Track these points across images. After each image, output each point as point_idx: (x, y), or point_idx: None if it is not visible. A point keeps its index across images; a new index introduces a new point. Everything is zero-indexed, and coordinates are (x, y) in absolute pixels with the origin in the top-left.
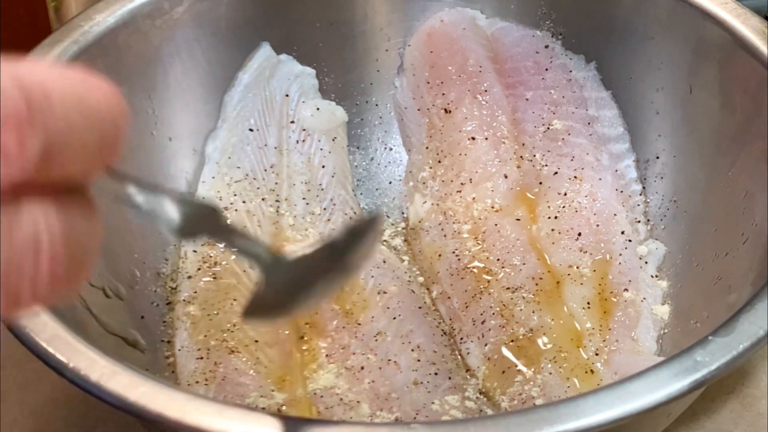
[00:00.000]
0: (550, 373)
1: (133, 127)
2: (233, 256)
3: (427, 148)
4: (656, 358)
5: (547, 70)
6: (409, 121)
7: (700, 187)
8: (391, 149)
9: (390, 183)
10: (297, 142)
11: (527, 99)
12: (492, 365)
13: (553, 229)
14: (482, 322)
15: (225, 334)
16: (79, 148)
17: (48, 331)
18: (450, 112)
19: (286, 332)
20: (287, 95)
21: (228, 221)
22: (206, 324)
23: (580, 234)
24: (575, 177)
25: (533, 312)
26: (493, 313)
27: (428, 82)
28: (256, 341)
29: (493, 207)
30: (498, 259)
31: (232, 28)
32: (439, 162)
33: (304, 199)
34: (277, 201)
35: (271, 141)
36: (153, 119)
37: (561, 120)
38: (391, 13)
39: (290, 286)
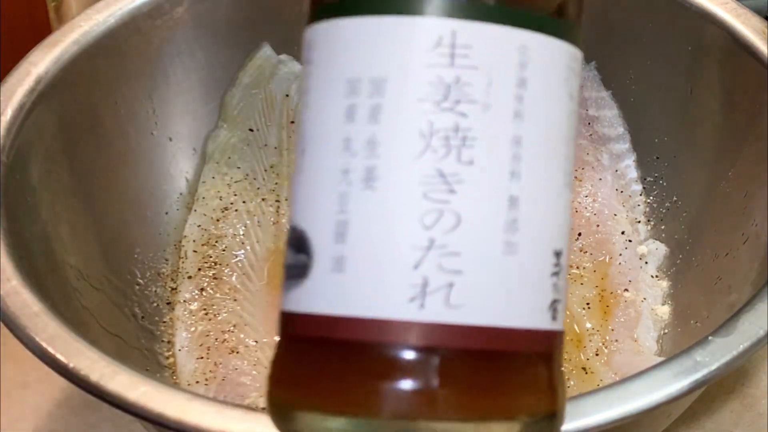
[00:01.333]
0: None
1: (133, 127)
2: (234, 258)
3: None
4: (656, 358)
5: None
6: None
7: (700, 187)
8: None
9: None
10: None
11: None
12: None
13: None
14: None
15: (225, 335)
16: None
17: (48, 331)
18: None
19: None
20: (287, 95)
21: None
22: (206, 324)
23: (580, 234)
24: (575, 177)
25: None
26: None
27: None
28: (257, 341)
29: None
30: None
31: (233, 29)
32: None
33: None
34: (277, 201)
35: (271, 141)
36: (153, 119)
37: None
38: None
39: None
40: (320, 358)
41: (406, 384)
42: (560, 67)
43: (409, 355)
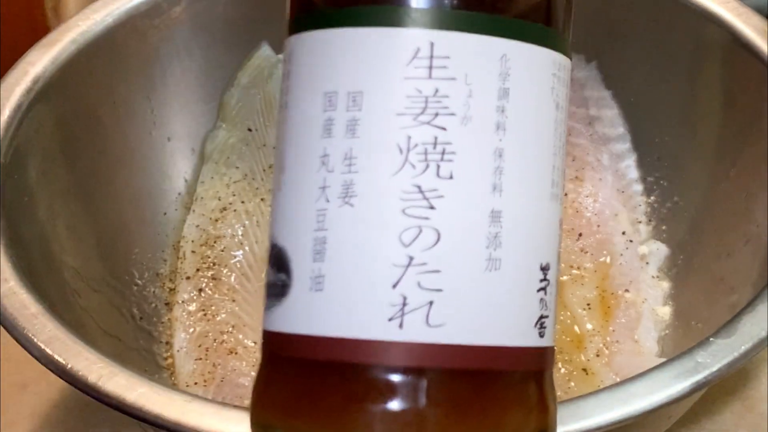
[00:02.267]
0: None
1: (131, 127)
2: (233, 259)
3: None
4: (657, 359)
5: None
6: None
7: (701, 187)
8: None
9: None
10: None
11: None
12: None
13: None
14: None
15: (224, 335)
16: None
17: (46, 333)
18: None
19: None
20: None
21: None
22: (205, 325)
23: (580, 234)
24: (576, 177)
25: None
26: None
27: None
28: (255, 342)
29: None
30: None
31: (231, 28)
32: None
33: None
34: None
35: (270, 141)
36: (151, 119)
37: None
38: None
39: None
40: (302, 378)
41: (388, 406)
42: (545, 76)
43: (390, 376)
